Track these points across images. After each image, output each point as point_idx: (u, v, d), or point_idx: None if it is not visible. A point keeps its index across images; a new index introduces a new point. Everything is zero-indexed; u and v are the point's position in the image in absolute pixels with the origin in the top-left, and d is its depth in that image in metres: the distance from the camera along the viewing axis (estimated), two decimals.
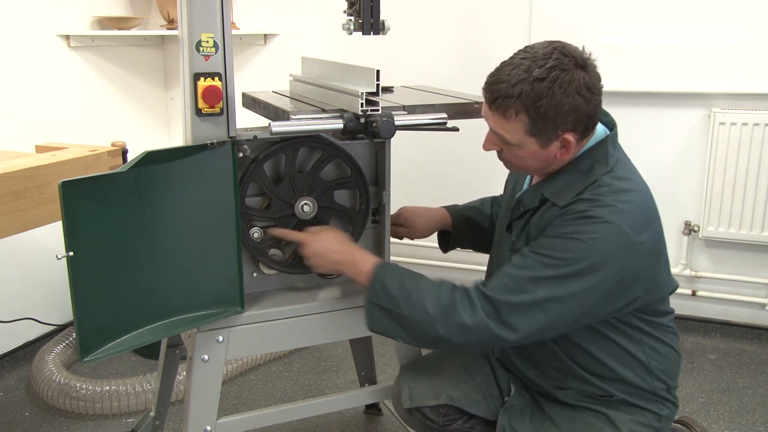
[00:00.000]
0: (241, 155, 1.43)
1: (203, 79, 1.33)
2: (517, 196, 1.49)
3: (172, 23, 2.91)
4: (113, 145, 1.87)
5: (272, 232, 1.54)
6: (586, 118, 1.29)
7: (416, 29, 2.88)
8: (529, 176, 1.51)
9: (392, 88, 1.86)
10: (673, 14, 2.55)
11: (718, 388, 2.41)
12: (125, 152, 1.87)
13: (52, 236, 1.96)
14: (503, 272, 1.33)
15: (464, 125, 1.54)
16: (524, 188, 1.50)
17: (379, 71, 1.40)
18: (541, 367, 1.49)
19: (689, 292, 2.80)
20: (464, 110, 1.57)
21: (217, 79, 1.34)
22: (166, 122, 3.26)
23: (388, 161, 1.59)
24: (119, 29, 2.84)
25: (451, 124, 1.53)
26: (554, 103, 1.25)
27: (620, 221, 1.27)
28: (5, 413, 2.26)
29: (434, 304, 1.32)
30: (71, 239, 1.22)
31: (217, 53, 1.33)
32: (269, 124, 1.38)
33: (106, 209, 1.27)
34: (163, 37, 3.11)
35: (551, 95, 1.25)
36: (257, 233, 1.53)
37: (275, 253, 1.57)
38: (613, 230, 1.26)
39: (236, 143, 1.40)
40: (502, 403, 1.54)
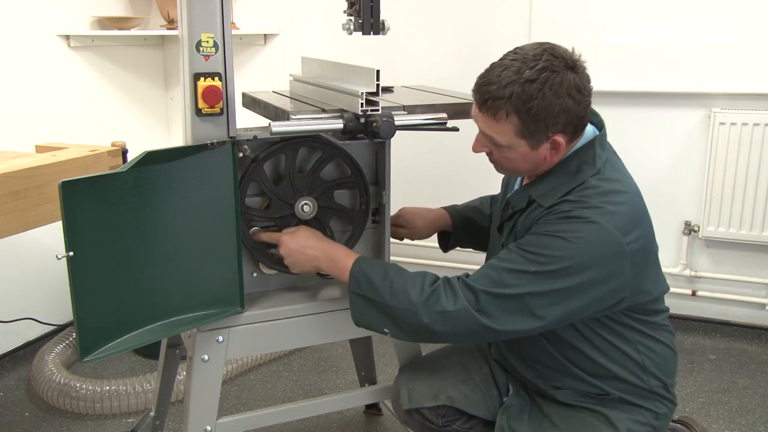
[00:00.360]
0: (241, 155, 1.43)
1: (203, 79, 1.33)
2: (507, 197, 1.50)
3: (172, 23, 2.91)
4: (113, 145, 1.87)
5: (256, 239, 1.54)
6: (576, 119, 1.29)
7: (416, 29, 2.88)
8: (520, 177, 1.51)
9: (392, 88, 1.85)
10: (673, 14, 2.55)
11: (718, 388, 2.41)
12: (125, 152, 1.87)
13: (52, 236, 1.96)
14: (487, 264, 1.34)
15: (464, 125, 1.54)
16: (515, 189, 1.51)
17: (379, 71, 1.40)
18: (536, 366, 1.49)
19: (689, 292, 2.80)
20: (464, 110, 1.57)
21: (217, 79, 1.34)
22: (166, 122, 3.26)
23: (388, 161, 1.59)
24: (119, 29, 2.84)
25: (451, 124, 1.53)
26: (545, 104, 1.25)
27: (606, 222, 1.26)
28: (5, 413, 2.26)
29: (418, 292, 1.32)
30: (71, 239, 1.22)
31: (217, 53, 1.33)
32: (269, 124, 1.38)
33: (106, 209, 1.27)
34: (163, 37, 3.11)
35: (542, 97, 1.25)
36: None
37: (275, 252, 1.57)
38: (599, 230, 1.26)
39: (236, 143, 1.40)
40: (500, 403, 1.54)
